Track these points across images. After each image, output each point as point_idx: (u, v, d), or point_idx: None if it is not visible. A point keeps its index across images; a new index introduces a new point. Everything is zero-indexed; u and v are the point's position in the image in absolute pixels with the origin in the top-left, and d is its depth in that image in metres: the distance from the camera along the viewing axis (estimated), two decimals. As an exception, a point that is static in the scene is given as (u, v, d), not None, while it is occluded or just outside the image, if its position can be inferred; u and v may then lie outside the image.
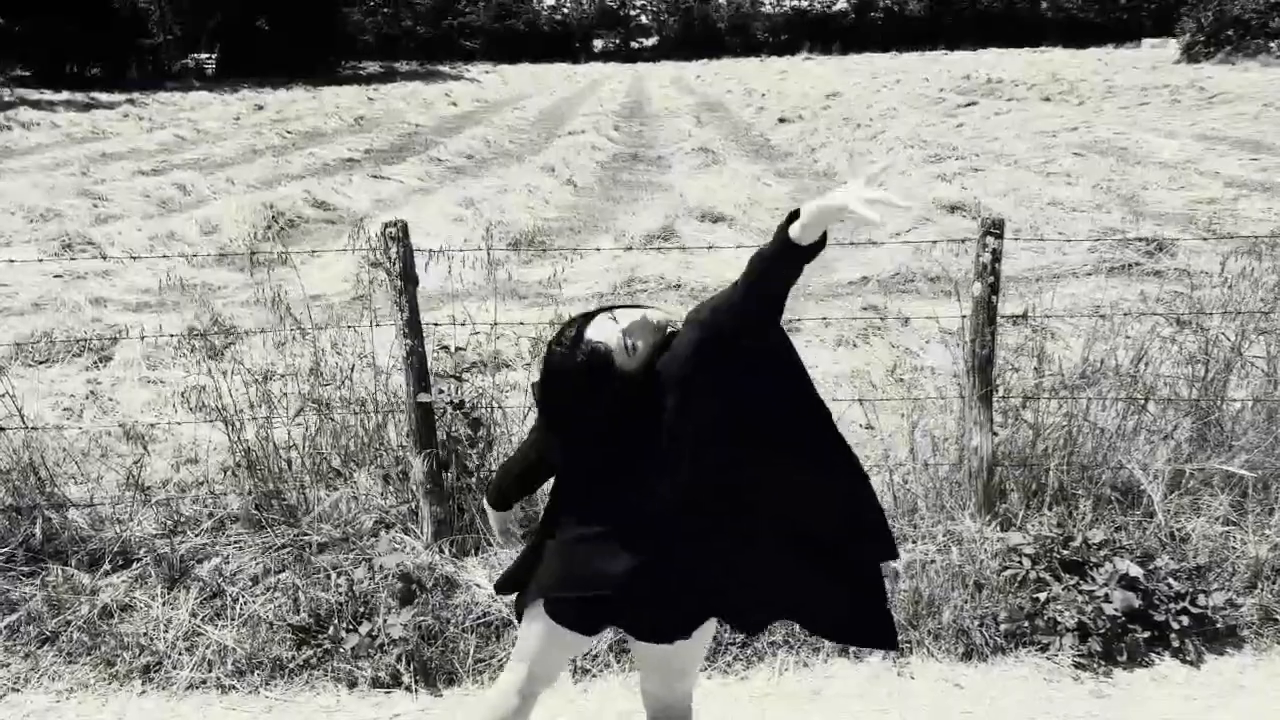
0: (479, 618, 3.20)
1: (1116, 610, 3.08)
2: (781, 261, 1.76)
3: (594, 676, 3.07)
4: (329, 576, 3.28)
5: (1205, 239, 7.91)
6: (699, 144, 15.36)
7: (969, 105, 22.39)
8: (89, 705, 2.99)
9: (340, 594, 3.20)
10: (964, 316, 3.51)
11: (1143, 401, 3.70)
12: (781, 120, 19.56)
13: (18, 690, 3.04)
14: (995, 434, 3.51)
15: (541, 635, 2.10)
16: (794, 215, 1.75)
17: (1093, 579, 3.18)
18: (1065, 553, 3.26)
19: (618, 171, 14.02)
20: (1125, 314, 5.19)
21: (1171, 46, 40.84)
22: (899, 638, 3.15)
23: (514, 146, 17.33)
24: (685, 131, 17.92)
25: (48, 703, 3.00)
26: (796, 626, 3.19)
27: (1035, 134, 16.55)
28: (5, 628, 3.21)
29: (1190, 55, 36.15)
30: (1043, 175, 11.87)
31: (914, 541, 3.41)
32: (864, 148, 14.60)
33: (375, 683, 3.04)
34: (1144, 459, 3.56)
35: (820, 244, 1.76)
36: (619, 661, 3.11)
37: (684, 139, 16.64)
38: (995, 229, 3.37)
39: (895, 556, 2.08)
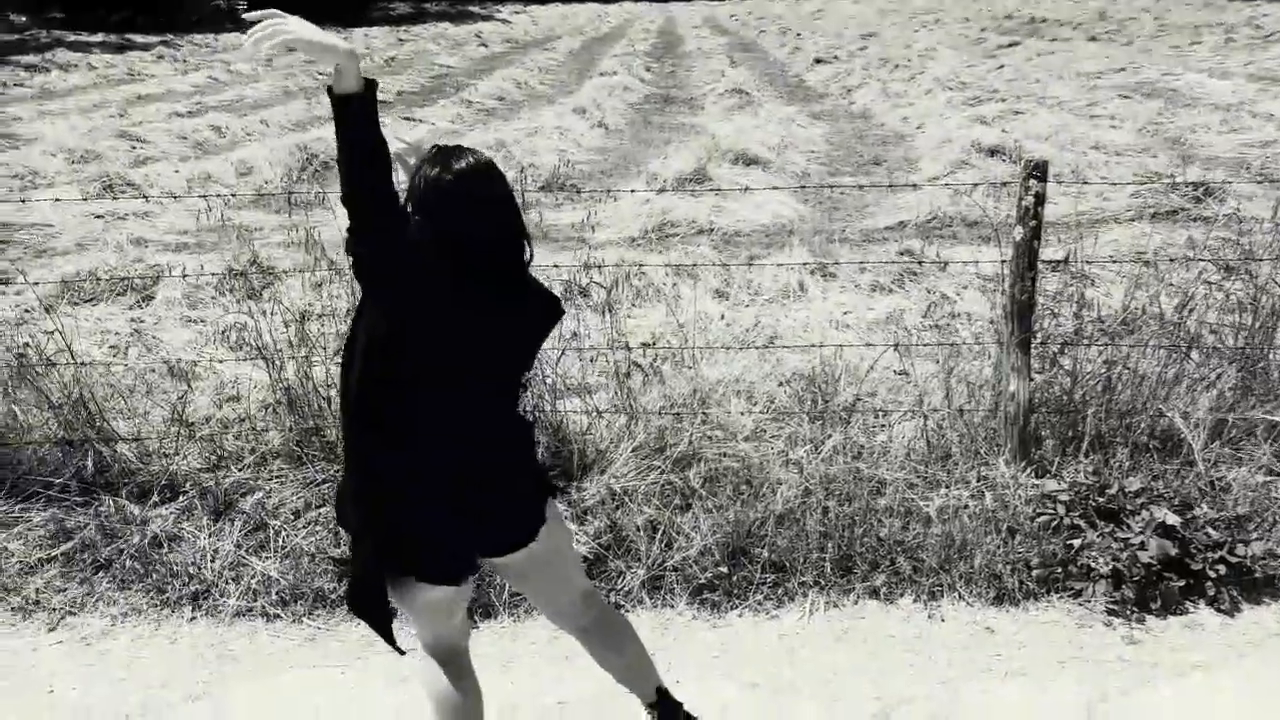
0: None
1: (1152, 558, 3.07)
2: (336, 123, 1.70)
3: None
4: (369, 512, 3.35)
5: (1258, 183, 7.68)
6: (732, 85, 15.07)
7: (1011, 45, 21.74)
8: (143, 629, 3.11)
9: (380, 529, 3.27)
10: (1003, 261, 3.46)
11: (1185, 349, 3.64)
12: (817, 61, 19.12)
13: (74, 614, 3.17)
14: (1032, 380, 3.48)
15: (424, 607, 2.04)
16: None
17: (1128, 526, 3.17)
18: (1101, 500, 3.25)
19: (649, 113, 13.83)
20: (1170, 260, 5.08)
21: (1227, -17, 39.19)
22: (930, 582, 3.18)
23: (544, 88, 17.14)
24: (718, 73, 17.59)
25: (104, 626, 3.12)
26: (828, 568, 3.22)
27: (1079, 75, 16.05)
28: (62, 555, 3.33)
29: (1247, -8, 34.67)
30: (1086, 118, 11.55)
31: (947, 486, 3.41)
32: (901, 89, 14.26)
33: (415, 614, 3.12)
34: (1185, 407, 3.51)
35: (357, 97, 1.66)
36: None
37: (716, 80, 16.34)
38: (1038, 171, 3.30)
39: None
